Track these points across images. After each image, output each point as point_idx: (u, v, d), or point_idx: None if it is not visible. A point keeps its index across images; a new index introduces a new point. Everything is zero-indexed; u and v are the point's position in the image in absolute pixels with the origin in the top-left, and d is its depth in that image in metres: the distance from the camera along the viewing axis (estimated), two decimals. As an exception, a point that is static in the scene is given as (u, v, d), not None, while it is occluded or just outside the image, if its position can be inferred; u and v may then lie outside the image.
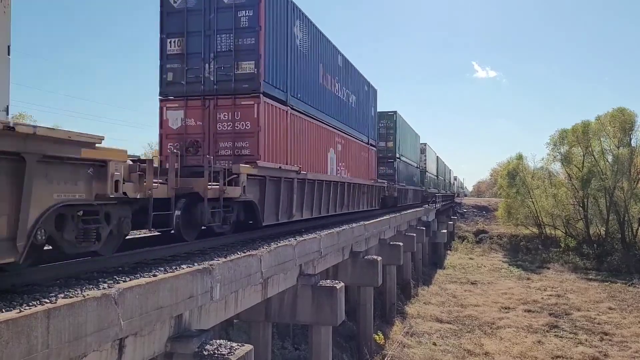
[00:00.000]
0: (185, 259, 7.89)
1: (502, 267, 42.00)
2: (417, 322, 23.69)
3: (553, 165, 54.48)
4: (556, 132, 51.82)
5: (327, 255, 13.54)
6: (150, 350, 6.25)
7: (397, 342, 19.82)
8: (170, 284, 6.31)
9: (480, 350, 20.15)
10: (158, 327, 6.36)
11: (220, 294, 7.51)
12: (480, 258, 46.99)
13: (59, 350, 4.55)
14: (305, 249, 11.43)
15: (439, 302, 28.19)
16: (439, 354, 19.33)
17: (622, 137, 47.65)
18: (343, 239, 14.73)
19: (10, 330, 4.10)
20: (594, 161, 48.30)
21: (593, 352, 20.38)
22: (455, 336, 21.97)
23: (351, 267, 16.65)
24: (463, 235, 57.92)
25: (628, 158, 45.66)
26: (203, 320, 7.62)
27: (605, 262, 41.76)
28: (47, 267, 6.09)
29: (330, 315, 11.76)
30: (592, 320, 25.38)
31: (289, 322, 15.37)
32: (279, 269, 9.95)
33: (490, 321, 24.54)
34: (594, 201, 48.18)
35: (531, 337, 22.21)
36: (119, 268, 6.88)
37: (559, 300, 29.42)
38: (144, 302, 5.76)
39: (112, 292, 5.30)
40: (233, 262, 7.98)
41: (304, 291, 11.73)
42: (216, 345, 6.78)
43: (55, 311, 4.54)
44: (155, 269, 6.77)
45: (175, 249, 8.51)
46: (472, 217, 67.81)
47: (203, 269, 7.09)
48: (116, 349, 5.59)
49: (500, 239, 54.88)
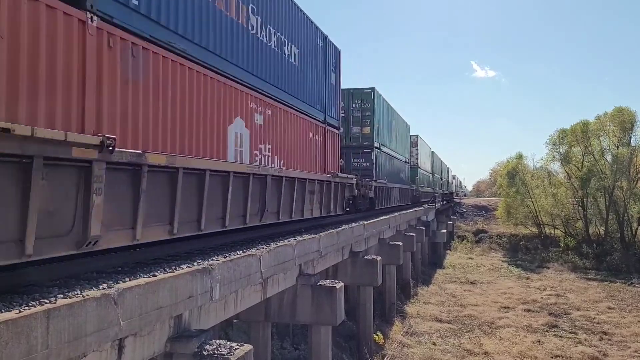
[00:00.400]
0: (185, 258, 7.89)
1: (502, 267, 42.02)
2: (417, 321, 23.70)
3: (552, 165, 54.59)
4: (555, 132, 51.94)
5: (326, 255, 13.54)
6: (149, 350, 6.25)
7: (396, 342, 19.83)
8: (170, 284, 6.31)
9: (479, 349, 20.16)
10: (158, 327, 6.36)
11: (219, 294, 7.51)
12: (479, 258, 47.01)
13: (58, 351, 4.54)
14: (305, 249, 11.42)
15: (438, 302, 28.20)
16: (439, 353, 19.34)
17: (621, 137, 47.71)
18: (342, 238, 14.73)
19: (10, 330, 4.09)
20: (593, 161, 48.33)
21: (592, 352, 20.39)
22: (454, 336, 21.98)
23: (351, 266, 16.64)
24: (462, 235, 57.95)
25: (627, 157, 45.69)
26: (203, 320, 7.62)
27: (604, 261, 41.80)
28: (47, 267, 6.09)
29: (330, 315, 11.76)
30: (591, 319, 25.40)
31: (288, 322, 15.36)
32: (278, 269, 9.95)
33: (489, 321, 24.55)
34: (594, 201, 48.20)
35: (531, 336, 22.22)
36: (119, 268, 6.87)
37: (558, 300, 29.44)
38: (144, 302, 5.76)
39: (111, 292, 5.30)
40: (233, 262, 7.98)
41: (304, 291, 11.72)
42: (216, 345, 6.78)
43: (54, 311, 4.54)
44: (155, 269, 6.77)
45: (174, 249, 8.51)
46: (472, 216, 67.84)
47: (203, 269, 7.09)
48: (116, 349, 5.59)
49: (500, 239, 54.91)
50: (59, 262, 6.32)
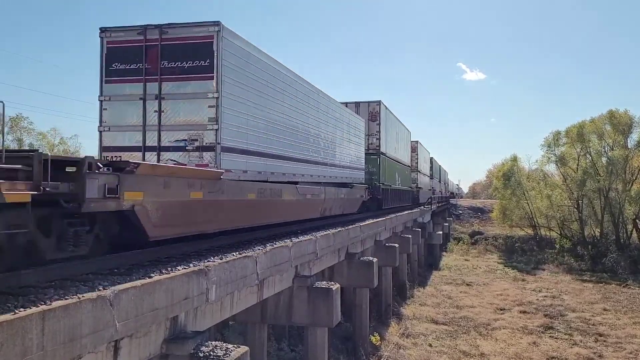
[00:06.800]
0: (180, 260, 7.88)
1: (498, 269, 42.08)
2: (413, 323, 23.70)
3: (548, 167, 54.77)
4: (550, 134, 52.14)
5: (323, 257, 13.54)
6: (145, 352, 6.24)
7: (393, 343, 19.83)
8: (166, 285, 6.30)
9: (475, 351, 20.17)
10: (153, 329, 6.35)
11: (216, 296, 7.50)
12: (475, 259, 47.08)
13: (54, 352, 4.53)
14: (301, 250, 11.42)
15: (434, 304, 28.22)
16: (435, 355, 19.35)
17: (616, 139, 47.90)
18: (339, 240, 14.73)
19: (5, 332, 4.08)
20: (588, 163, 48.50)
21: (588, 353, 20.44)
22: (450, 337, 22.00)
23: (347, 268, 16.65)
24: (458, 237, 58.06)
25: (622, 160, 45.88)
26: (199, 322, 7.61)
27: (600, 263, 41.90)
28: (43, 269, 6.07)
29: (326, 317, 11.76)
30: (587, 321, 25.46)
31: (284, 324, 15.34)
32: (274, 270, 9.95)
33: (485, 322, 24.59)
34: (589, 202, 48.36)
35: (526, 338, 22.26)
36: (115, 269, 6.86)
37: (554, 302, 29.50)
38: (140, 304, 5.75)
39: (107, 293, 5.29)
40: (229, 264, 7.98)
41: (300, 292, 11.72)
42: (212, 346, 6.77)
43: (50, 313, 4.53)
44: (151, 271, 6.76)
45: (170, 250, 8.49)
46: (468, 218, 68.01)
47: (199, 271, 7.09)
48: (111, 350, 5.58)
49: (496, 240, 55.05)
50: (55, 264, 6.31)
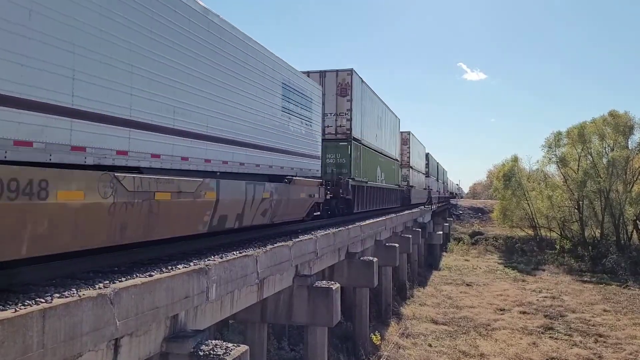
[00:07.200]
0: (181, 259, 7.88)
1: (498, 269, 42.07)
2: (413, 323, 23.71)
3: (548, 167, 54.75)
4: (551, 135, 52.12)
5: (323, 256, 13.54)
6: (145, 350, 6.24)
7: (392, 343, 19.84)
8: (166, 284, 6.30)
9: (475, 351, 20.18)
10: (154, 327, 6.35)
11: (216, 295, 7.51)
12: (475, 260, 47.07)
13: (54, 350, 4.54)
14: (302, 250, 11.42)
15: (434, 304, 28.22)
16: (435, 355, 19.36)
17: (617, 140, 47.87)
18: (339, 239, 14.73)
19: (6, 329, 4.09)
20: (589, 163, 48.47)
21: (588, 354, 20.44)
22: (450, 337, 22.00)
23: (347, 268, 16.65)
24: (459, 237, 58.04)
25: (623, 161, 45.85)
26: (199, 321, 7.62)
27: (600, 264, 41.88)
28: (43, 267, 6.07)
29: (326, 316, 11.76)
30: (586, 322, 25.46)
31: (284, 323, 15.35)
32: (275, 270, 9.95)
33: (485, 323, 24.59)
34: (589, 203, 48.34)
35: (526, 338, 22.26)
36: (115, 268, 6.86)
37: (554, 302, 29.50)
38: (140, 302, 5.75)
39: (107, 292, 5.29)
40: (229, 263, 7.98)
41: (300, 292, 11.72)
42: (212, 345, 6.78)
43: (51, 311, 4.53)
44: (151, 269, 6.77)
45: (171, 249, 8.50)
46: (468, 218, 67.98)
47: (199, 269, 7.09)
48: (112, 349, 5.58)
49: (496, 241, 55.02)
50: (55, 262, 6.31)
